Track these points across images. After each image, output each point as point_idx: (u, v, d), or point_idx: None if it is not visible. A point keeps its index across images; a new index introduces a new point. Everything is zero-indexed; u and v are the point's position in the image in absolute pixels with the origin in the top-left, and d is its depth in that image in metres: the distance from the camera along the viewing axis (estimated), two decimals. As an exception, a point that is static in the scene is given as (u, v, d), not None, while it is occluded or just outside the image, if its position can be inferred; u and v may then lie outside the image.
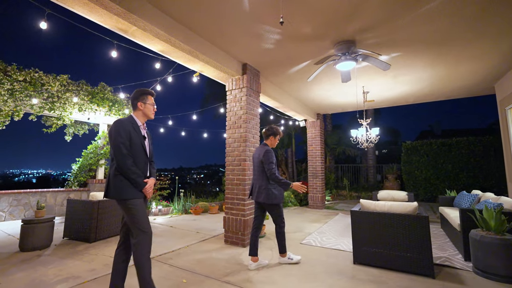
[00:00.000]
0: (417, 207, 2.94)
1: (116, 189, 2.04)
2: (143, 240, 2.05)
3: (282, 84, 5.24)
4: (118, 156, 2.04)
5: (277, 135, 3.19)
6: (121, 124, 2.12)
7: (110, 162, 2.15)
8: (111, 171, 2.09)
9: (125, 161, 2.04)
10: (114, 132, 2.08)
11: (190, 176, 69.93)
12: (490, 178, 8.49)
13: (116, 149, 2.05)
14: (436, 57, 3.93)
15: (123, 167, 2.04)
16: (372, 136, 4.86)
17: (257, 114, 4.33)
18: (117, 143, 2.05)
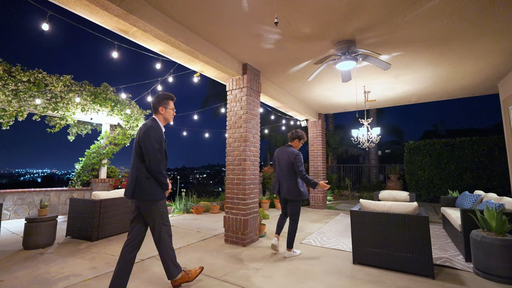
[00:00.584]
0: (417, 207, 2.93)
1: (149, 191, 2.18)
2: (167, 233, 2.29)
3: (283, 84, 5.24)
4: (154, 161, 2.17)
5: (301, 139, 3.55)
6: (155, 130, 2.24)
7: (136, 163, 2.22)
8: (139, 174, 2.19)
9: (159, 166, 2.19)
10: (151, 138, 2.19)
11: (193, 176, 70.11)
12: (494, 178, 8.40)
13: (152, 155, 2.17)
14: (438, 56, 3.90)
15: (157, 171, 2.19)
16: (373, 136, 4.84)
17: (258, 114, 4.34)
18: (154, 150, 2.18)
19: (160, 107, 2.39)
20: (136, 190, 2.18)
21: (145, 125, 2.29)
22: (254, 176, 4.12)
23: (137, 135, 2.32)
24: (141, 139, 2.23)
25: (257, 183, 4.22)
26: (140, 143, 2.23)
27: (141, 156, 2.23)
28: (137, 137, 2.29)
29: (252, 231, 3.98)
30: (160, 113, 2.40)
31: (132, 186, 2.19)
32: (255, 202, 4.14)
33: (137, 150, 2.25)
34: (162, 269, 2.91)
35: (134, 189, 2.19)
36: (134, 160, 2.26)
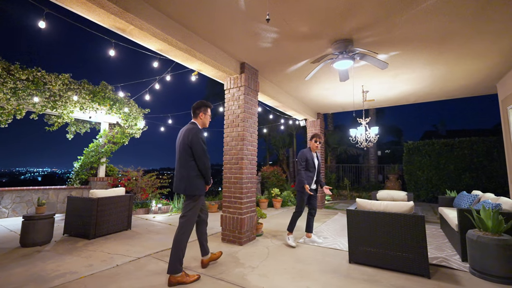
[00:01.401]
0: (413, 206, 2.93)
1: (198, 187, 2.56)
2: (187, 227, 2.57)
3: (281, 83, 5.24)
4: (205, 160, 2.56)
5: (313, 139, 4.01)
6: (202, 133, 2.62)
7: (186, 163, 2.56)
8: (190, 172, 2.54)
9: (208, 165, 2.60)
10: (200, 141, 2.56)
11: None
12: (493, 179, 8.40)
13: (203, 156, 2.55)
14: (436, 56, 3.90)
15: (207, 170, 2.59)
16: (371, 136, 4.84)
17: (255, 113, 4.34)
18: (204, 151, 2.57)
19: (201, 113, 2.73)
20: (187, 186, 2.53)
21: (190, 129, 2.61)
22: (251, 175, 4.12)
23: (184, 138, 2.60)
24: (190, 142, 2.55)
25: (255, 182, 4.23)
26: (190, 145, 2.55)
27: (191, 156, 2.56)
28: (186, 139, 2.57)
29: (249, 230, 3.98)
30: (200, 118, 2.74)
31: (184, 182, 2.54)
32: (252, 201, 4.15)
33: (187, 151, 2.56)
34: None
35: (186, 185, 2.53)
36: (183, 159, 2.57)
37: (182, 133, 2.65)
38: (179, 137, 2.67)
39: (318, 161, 4.03)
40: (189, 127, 2.64)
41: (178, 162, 2.61)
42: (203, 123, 2.76)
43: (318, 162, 4.02)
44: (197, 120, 2.73)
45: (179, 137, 2.67)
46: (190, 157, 2.56)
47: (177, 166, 2.62)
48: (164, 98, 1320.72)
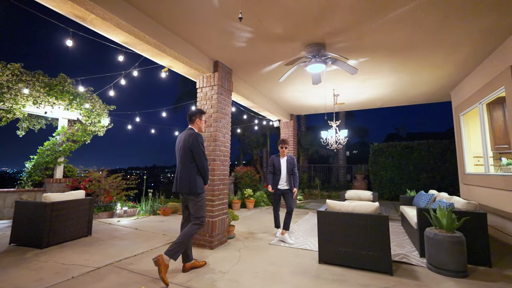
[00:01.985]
0: (378, 207, 3.07)
1: (198, 185, 2.79)
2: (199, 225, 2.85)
3: (255, 83, 5.21)
4: (204, 162, 2.82)
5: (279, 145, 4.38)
6: (201, 138, 2.87)
7: (188, 164, 2.80)
8: (192, 172, 2.79)
9: (207, 166, 2.87)
10: (200, 144, 2.82)
11: (164, 175, 67.48)
12: (446, 178, 9.22)
13: (203, 157, 2.81)
14: (401, 64, 4.14)
15: (206, 170, 2.85)
16: (341, 138, 5.02)
17: (229, 113, 4.25)
18: (203, 154, 2.83)
19: (197, 119, 2.97)
20: (191, 185, 2.76)
21: (191, 134, 2.85)
22: (223, 177, 4.03)
23: (185, 142, 2.84)
24: (191, 145, 2.79)
25: (227, 183, 4.14)
26: (191, 149, 2.79)
27: (192, 158, 2.81)
28: (187, 143, 2.82)
29: (221, 233, 3.89)
30: (196, 123, 2.97)
31: (187, 182, 2.76)
32: (225, 203, 4.06)
33: (188, 154, 2.81)
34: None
35: (190, 184, 2.76)
36: (184, 161, 2.82)
37: (182, 138, 2.90)
38: (179, 142, 2.93)
39: (287, 164, 4.32)
40: (188, 132, 2.88)
41: (181, 164, 2.86)
42: (199, 128, 3.01)
43: (287, 166, 4.31)
44: (194, 126, 2.98)
45: (179, 142, 2.93)
46: (191, 159, 2.81)
47: (180, 168, 2.86)
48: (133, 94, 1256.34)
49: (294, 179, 4.33)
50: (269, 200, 8.38)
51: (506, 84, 3.32)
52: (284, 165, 4.28)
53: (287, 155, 4.36)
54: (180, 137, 2.96)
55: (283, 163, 4.30)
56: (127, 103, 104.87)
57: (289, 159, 4.33)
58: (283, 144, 4.31)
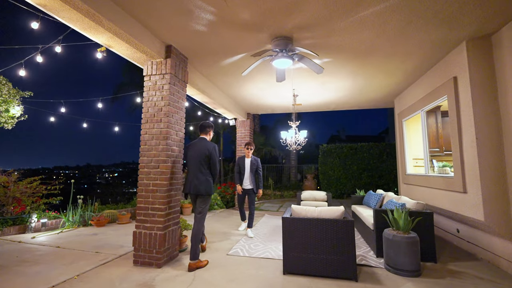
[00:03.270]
0: (343, 211, 2.99)
1: (211, 188, 3.25)
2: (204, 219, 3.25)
3: (213, 77, 4.74)
4: (218, 166, 3.31)
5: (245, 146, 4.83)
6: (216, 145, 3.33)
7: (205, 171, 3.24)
8: (207, 177, 3.25)
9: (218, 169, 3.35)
10: (217, 154, 3.30)
11: (101, 175, 60.06)
12: (383, 177, 10.23)
13: (218, 165, 3.31)
14: (359, 68, 4.23)
15: (216, 175, 3.35)
16: (300, 139, 4.96)
17: (183, 107, 3.70)
18: (218, 161, 3.30)
19: (210, 131, 3.50)
20: (207, 187, 3.20)
21: (209, 143, 3.32)
22: (176, 181, 3.47)
23: (202, 149, 3.26)
24: (210, 153, 3.25)
25: (179, 188, 3.59)
26: (209, 156, 3.25)
27: (207, 164, 3.26)
28: (205, 151, 3.25)
29: (171, 247, 3.33)
30: (209, 134, 3.49)
31: (203, 185, 3.19)
32: (176, 211, 3.51)
33: (206, 160, 3.25)
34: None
35: (205, 187, 3.19)
36: (200, 166, 3.23)
37: (197, 146, 3.31)
38: (195, 149, 3.30)
39: (251, 165, 4.67)
40: (204, 142, 3.34)
41: (196, 169, 3.23)
42: (210, 138, 3.50)
43: (250, 166, 4.68)
44: (206, 136, 3.45)
45: (195, 149, 3.30)
46: (207, 165, 3.26)
47: (195, 172, 3.23)
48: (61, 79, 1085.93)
49: (258, 179, 4.70)
50: (223, 203, 7.94)
51: (448, 93, 3.64)
52: (248, 165, 4.68)
53: (252, 156, 4.73)
54: (193, 145, 3.36)
55: (247, 163, 4.69)
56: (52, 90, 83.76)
57: (253, 160, 4.71)
58: (248, 145, 4.71)
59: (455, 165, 3.56)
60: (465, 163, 3.37)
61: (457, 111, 3.47)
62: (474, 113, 3.16)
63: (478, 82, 3.19)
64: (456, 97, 3.49)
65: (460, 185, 3.44)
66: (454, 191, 3.62)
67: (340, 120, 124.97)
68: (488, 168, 3.09)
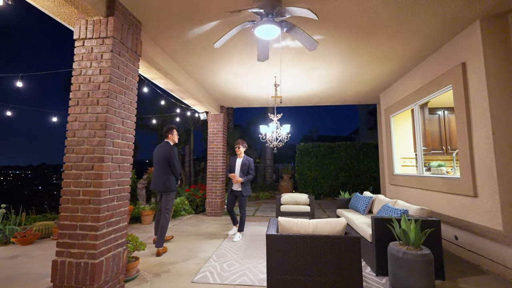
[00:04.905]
0: (346, 225, 2.32)
1: (170, 184, 3.77)
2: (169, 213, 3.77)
3: (178, 55, 3.82)
4: (177, 166, 3.85)
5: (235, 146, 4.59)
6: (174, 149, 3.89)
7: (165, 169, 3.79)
8: (166, 175, 3.77)
9: (179, 170, 3.91)
10: (174, 153, 3.85)
11: (58, 176, 54.52)
12: (359, 177, 10.01)
13: (176, 163, 3.83)
14: (353, 52, 3.63)
15: (178, 174, 3.91)
16: (282, 134, 4.25)
17: (133, 87, 2.76)
18: (176, 160, 3.85)
19: (170, 134, 3.96)
20: (167, 184, 3.76)
21: (165, 147, 3.86)
22: (120, 187, 2.53)
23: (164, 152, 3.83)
24: (169, 158, 3.80)
25: (127, 197, 2.65)
26: (168, 160, 3.80)
27: (168, 164, 3.81)
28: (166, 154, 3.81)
29: (112, 279, 2.39)
30: (169, 138, 3.96)
31: (163, 181, 3.75)
32: (121, 229, 2.56)
33: (165, 162, 3.80)
34: None
35: (165, 183, 3.75)
36: (163, 167, 3.80)
37: (160, 150, 3.90)
38: (158, 153, 3.89)
39: (242, 165, 4.45)
40: (165, 146, 3.88)
41: (159, 169, 3.81)
42: (173, 140, 3.98)
43: (241, 166, 4.45)
44: (169, 139, 3.96)
45: (158, 153, 3.89)
46: (167, 166, 3.80)
47: (158, 172, 3.82)
48: None
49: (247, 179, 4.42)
50: (191, 207, 6.97)
51: (454, 82, 3.18)
52: (238, 166, 4.42)
53: (244, 156, 4.46)
54: (157, 149, 3.93)
55: (238, 163, 4.45)
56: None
57: (245, 160, 4.42)
58: (237, 144, 4.48)
59: (463, 164, 3.10)
60: (476, 163, 2.91)
61: (466, 102, 3.01)
62: (490, 104, 2.70)
63: (494, 67, 2.73)
64: (464, 86, 3.02)
65: (469, 188, 2.98)
66: (460, 195, 3.16)
67: (311, 120, 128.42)
68: (507, 168, 2.64)
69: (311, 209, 5.23)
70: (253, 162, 4.53)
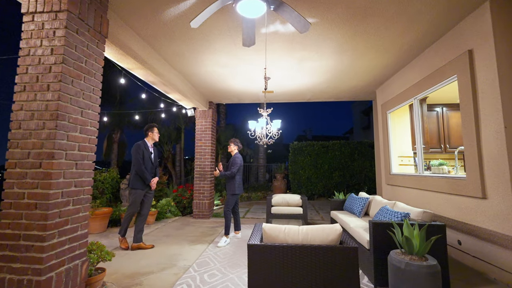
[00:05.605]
0: (341, 232, 1.99)
1: (131, 181, 3.74)
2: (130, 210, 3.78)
3: (156, 41, 3.45)
4: (136, 163, 3.73)
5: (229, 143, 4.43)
6: (138, 146, 3.79)
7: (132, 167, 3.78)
8: (132, 173, 3.74)
9: (141, 170, 3.72)
10: (135, 148, 3.78)
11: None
12: (354, 177, 9.75)
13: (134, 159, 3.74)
14: (348, 39, 3.32)
15: (139, 171, 3.72)
16: (273, 130, 3.91)
17: (97, 72, 2.38)
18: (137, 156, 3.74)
19: (149, 132, 3.92)
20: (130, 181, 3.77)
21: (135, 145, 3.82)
22: (78, 189, 2.15)
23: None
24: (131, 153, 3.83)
25: (87, 200, 2.27)
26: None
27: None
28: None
29: (64, 298, 2.01)
30: (150, 136, 3.92)
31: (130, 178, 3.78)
32: (80, 237, 2.18)
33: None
34: None
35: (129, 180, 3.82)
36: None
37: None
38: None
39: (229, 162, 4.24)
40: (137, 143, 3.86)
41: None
42: (152, 139, 3.94)
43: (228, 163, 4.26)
44: (147, 138, 3.92)
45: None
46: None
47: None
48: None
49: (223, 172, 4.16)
50: (178, 209, 6.59)
51: (459, 72, 2.89)
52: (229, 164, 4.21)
53: (235, 154, 4.21)
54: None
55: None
56: None
57: (232, 157, 4.18)
58: (230, 142, 4.27)
59: (469, 163, 2.81)
60: (485, 160, 2.63)
61: (474, 94, 2.72)
62: (501, 94, 2.41)
63: (506, 54, 2.45)
64: (472, 76, 2.73)
65: (476, 189, 2.69)
66: (466, 196, 2.88)
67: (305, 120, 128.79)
68: (520, 167, 2.35)
69: (303, 211, 4.91)
70: (238, 159, 4.16)
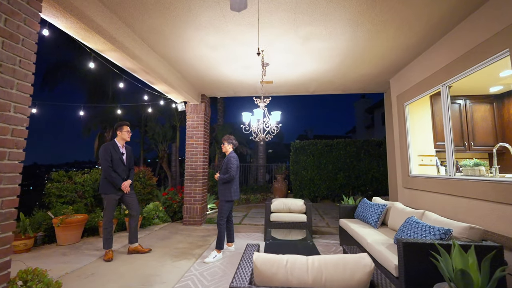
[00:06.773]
0: (372, 269, 1.34)
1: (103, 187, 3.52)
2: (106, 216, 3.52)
3: (125, 11, 2.78)
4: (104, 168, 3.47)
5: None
6: (103, 148, 3.55)
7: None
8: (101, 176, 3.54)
9: (108, 173, 3.46)
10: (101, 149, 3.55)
11: (50, 176, 52.41)
12: (360, 178, 9.08)
13: (101, 161, 3.51)
14: (364, 10, 2.66)
15: (106, 174, 3.49)
16: (271, 124, 3.25)
17: (26, 37, 1.73)
18: (102, 158, 3.49)
19: (118, 131, 3.68)
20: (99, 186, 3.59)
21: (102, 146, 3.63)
22: None
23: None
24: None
25: (9, 215, 1.62)
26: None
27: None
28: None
29: None
30: (119, 135, 3.67)
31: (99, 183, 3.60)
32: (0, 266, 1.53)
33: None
34: None
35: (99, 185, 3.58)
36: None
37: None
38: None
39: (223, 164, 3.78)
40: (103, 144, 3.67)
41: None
42: (122, 138, 3.68)
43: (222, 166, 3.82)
44: (116, 138, 3.69)
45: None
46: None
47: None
48: None
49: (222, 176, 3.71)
50: (167, 214, 5.94)
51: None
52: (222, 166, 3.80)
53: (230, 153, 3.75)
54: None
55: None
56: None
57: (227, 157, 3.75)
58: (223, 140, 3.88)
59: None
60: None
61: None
62: None
63: None
64: (533, 48, 2.07)
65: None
66: (523, 206, 2.21)
67: (307, 120, 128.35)
68: None
69: (308, 219, 4.26)
70: (235, 159, 3.60)
